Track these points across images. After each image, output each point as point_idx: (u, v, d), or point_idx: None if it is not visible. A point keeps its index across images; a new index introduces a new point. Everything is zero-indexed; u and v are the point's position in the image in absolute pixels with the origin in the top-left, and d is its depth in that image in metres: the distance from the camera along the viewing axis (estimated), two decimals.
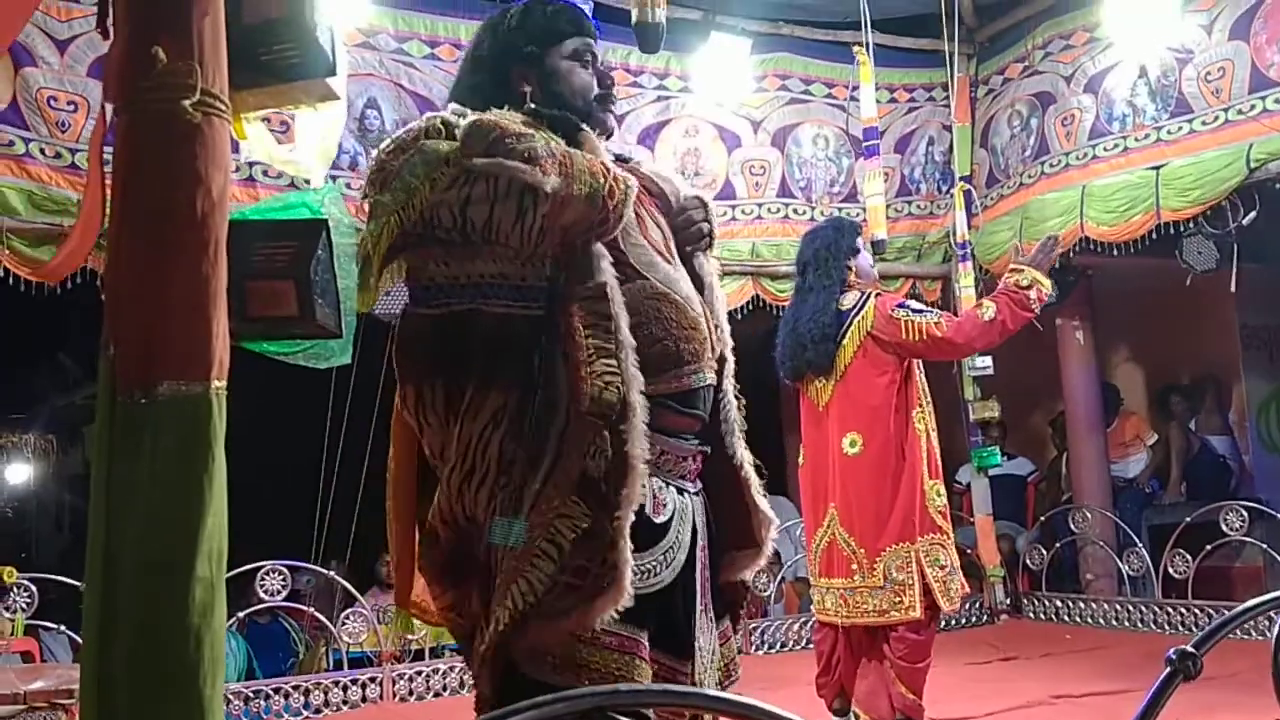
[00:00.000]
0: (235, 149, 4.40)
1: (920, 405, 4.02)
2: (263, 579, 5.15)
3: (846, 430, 3.96)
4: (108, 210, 1.67)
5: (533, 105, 2.05)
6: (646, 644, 1.89)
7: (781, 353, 4.16)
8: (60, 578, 4.75)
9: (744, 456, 2.12)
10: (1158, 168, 5.90)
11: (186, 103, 1.59)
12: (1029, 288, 3.93)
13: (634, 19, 3.01)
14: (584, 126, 2.06)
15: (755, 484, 2.12)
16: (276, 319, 1.95)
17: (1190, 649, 1.49)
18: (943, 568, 3.88)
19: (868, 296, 4.02)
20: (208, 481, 1.64)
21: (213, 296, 1.65)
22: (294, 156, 2.85)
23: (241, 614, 5.61)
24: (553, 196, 1.81)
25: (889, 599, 3.84)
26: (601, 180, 1.88)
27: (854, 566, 3.89)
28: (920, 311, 3.98)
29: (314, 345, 4.62)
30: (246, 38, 1.88)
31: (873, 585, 3.86)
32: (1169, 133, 5.93)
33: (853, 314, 3.97)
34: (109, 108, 1.70)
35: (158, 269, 1.61)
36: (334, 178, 5.53)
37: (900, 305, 4.01)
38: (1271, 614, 1.72)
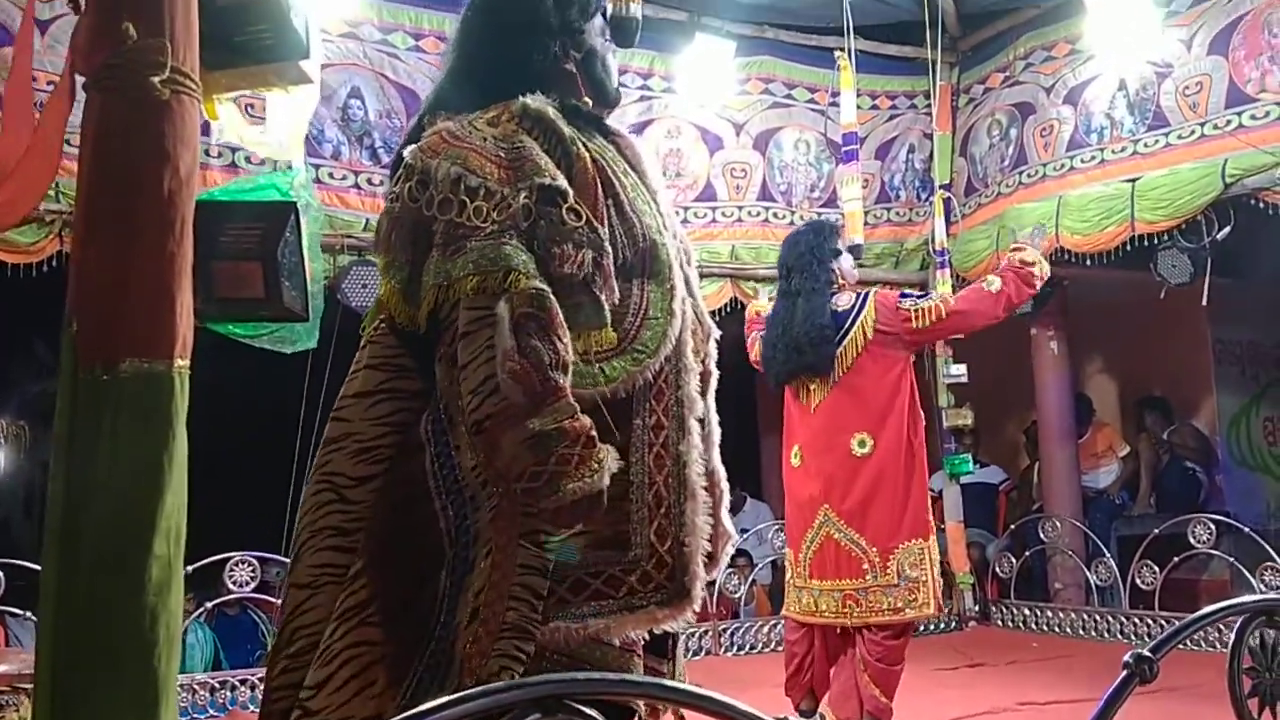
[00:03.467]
0: (206, 130, 4.40)
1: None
2: (232, 570, 5.13)
3: (854, 431, 3.91)
4: (78, 186, 1.67)
5: (575, 102, 1.99)
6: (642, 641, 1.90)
7: (770, 356, 4.09)
8: (28, 564, 4.71)
9: (721, 472, 2.10)
10: (1133, 180, 5.93)
11: (156, 80, 1.60)
12: (1033, 264, 3.96)
13: (609, 12, 3.01)
14: (630, 146, 2.05)
15: (726, 500, 2.10)
16: (243, 300, 1.94)
17: (1147, 653, 1.51)
18: (934, 567, 3.93)
19: (866, 295, 4.00)
20: (168, 460, 1.64)
21: (178, 275, 1.65)
22: (265, 138, 2.83)
23: (210, 604, 5.58)
24: (502, 399, 1.64)
25: (904, 596, 3.82)
26: (571, 441, 1.65)
27: (865, 566, 3.85)
28: (923, 296, 4.02)
29: (280, 328, 4.58)
30: (221, 19, 1.88)
31: (886, 584, 3.83)
32: (1145, 145, 5.96)
33: (853, 314, 3.93)
34: (78, 79, 1.70)
35: (123, 245, 1.62)
36: (316, 166, 5.53)
37: (903, 296, 4.05)
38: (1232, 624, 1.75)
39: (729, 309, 6.56)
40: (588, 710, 1.20)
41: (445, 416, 1.80)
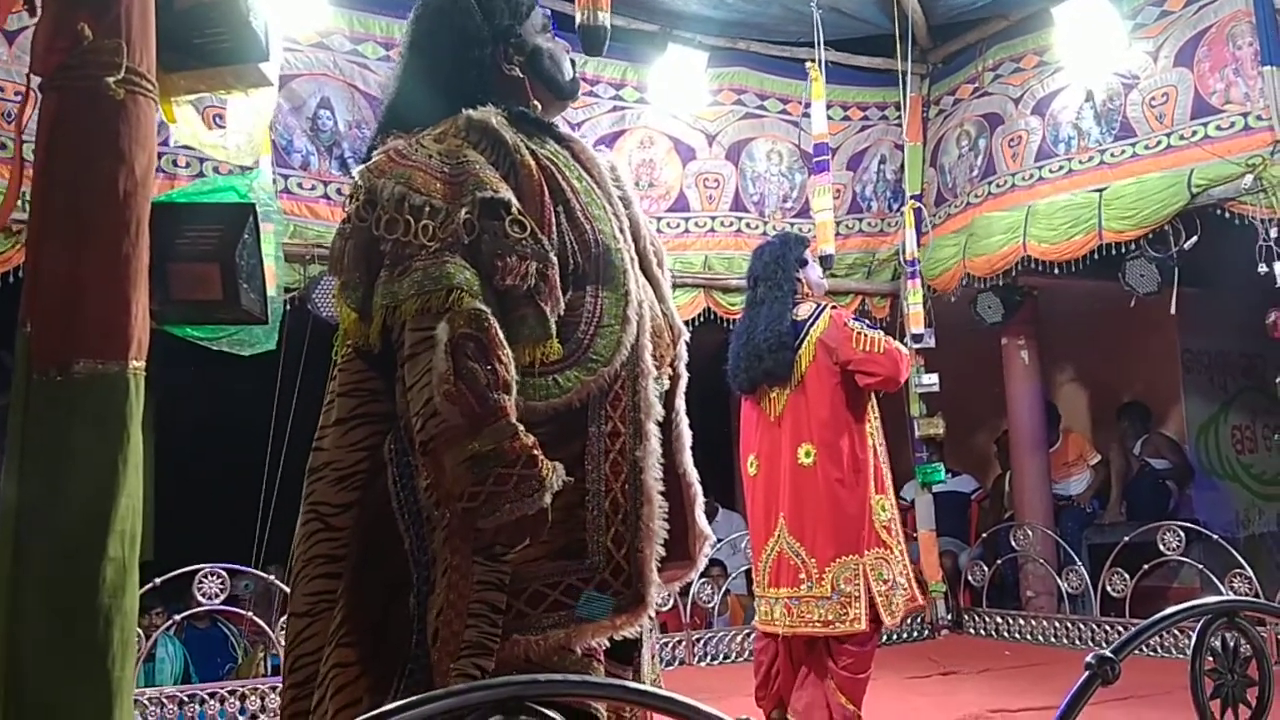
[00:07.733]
0: (167, 143, 4.39)
1: (871, 420, 4.06)
2: (201, 582, 5.06)
3: (800, 441, 3.97)
4: (31, 186, 1.66)
5: (523, 109, 1.98)
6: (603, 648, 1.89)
7: (735, 364, 4.16)
8: None
9: (692, 473, 2.09)
10: (1100, 190, 5.99)
11: (111, 80, 1.59)
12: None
13: (578, 21, 3.03)
14: (584, 151, 2.04)
15: (699, 500, 2.09)
16: (201, 302, 1.93)
17: (1109, 654, 1.52)
18: (885, 582, 3.90)
19: (824, 308, 4.06)
20: (122, 461, 1.63)
21: (133, 276, 1.64)
22: (223, 141, 2.83)
23: (179, 617, 5.53)
24: (442, 421, 1.65)
25: (835, 610, 3.85)
26: (510, 462, 1.65)
27: (801, 576, 3.90)
28: (873, 328, 4.05)
29: (238, 331, 4.58)
30: (179, 21, 1.88)
31: (819, 595, 3.86)
32: (1112, 155, 6.01)
33: (808, 324, 3.99)
34: (34, 82, 1.69)
35: (77, 246, 1.61)
36: (285, 176, 5.51)
37: (856, 318, 4.08)
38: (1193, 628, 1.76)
39: (702, 319, 6.57)
40: (548, 712, 1.19)
41: (406, 437, 1.81)
